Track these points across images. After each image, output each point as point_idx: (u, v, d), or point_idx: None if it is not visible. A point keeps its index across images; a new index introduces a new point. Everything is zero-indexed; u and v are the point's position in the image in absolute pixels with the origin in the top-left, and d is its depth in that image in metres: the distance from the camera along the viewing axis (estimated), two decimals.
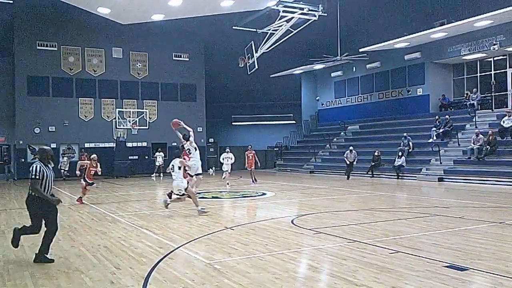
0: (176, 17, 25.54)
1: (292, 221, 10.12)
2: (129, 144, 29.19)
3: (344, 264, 6.30)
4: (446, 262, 6.27)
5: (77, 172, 15.75)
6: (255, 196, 16.00)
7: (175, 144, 22.41)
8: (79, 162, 16.27)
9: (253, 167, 20.87)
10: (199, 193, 14.07)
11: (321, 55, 28.05)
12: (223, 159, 19.92)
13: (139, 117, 28.83)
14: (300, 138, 35.09)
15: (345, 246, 7.43)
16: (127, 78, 30.49)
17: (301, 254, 7.06)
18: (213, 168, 30.37)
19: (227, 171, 19.50)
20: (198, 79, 32.64)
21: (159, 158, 27.14)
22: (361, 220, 10.04)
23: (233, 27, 22.27)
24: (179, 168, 11.24)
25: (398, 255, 6.74)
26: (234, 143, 35.33)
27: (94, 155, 14.66)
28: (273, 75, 32.17)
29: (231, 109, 37.19)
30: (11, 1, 22.66)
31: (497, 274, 5.71)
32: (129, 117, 28.77)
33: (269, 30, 22.28)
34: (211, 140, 33.94)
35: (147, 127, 29.05)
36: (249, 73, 24.01)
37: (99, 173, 14.78)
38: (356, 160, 23.20)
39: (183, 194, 11.34)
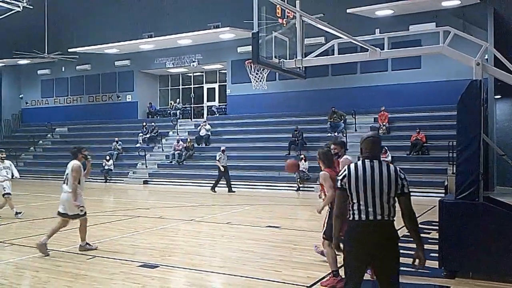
0: None
1: None
2: None
3: (35, 276, 6.04)
4: (140, 262, 6.77)
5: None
6: None
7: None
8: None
9: None
10: None
11: (26, 50, 25.60)
12: None
13: None
14: None
15: (40, 256, 7.10)
16: None
17: None
18: None
19: None
20: None
21: None
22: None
23: None
24: None
25: (95, 260, 6.89)
26: None
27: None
28: None
29: None
30: None
31: (185, 268, 6.53)
32: None
33: None
34: None
35: None
36: None
37: None
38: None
39: None
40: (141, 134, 24.18)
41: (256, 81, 11.45)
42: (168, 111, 26.26)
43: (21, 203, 14.59)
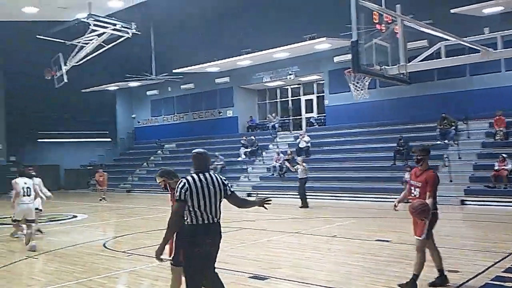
0: None
1: (104, 245, 9.80)
2: None
3: (155, 285, 6.42)
4: (249, 273, 6.90)
5: None
6: (64, 219, 14.92)
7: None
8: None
9: (104, 187, 21.88)
10: None
11: (136, 73, 27.80)
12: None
13: None
14: (116, 156, 33.93)
15: (158, 266, 7.52)
16: None
17: (110, 279, 6.93)
18: None
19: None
20: None
21: None
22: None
23: (37, 36, 20.52)
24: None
25: None
26: (40, 161, 32.23)
27: None
28: (85, 90, 30.55)
29: (37, 124, 33.79)
30: None
31: (293, 281, 6.52)
32: None
33: (79, 42, 21.20)
34: (13, 158, 30.31)
35: None
36: (56, 86, 22.40)
37: None
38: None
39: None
40: (242, 148, 24.85)
41: (357, 90, 11.23)
42: (267, 124, 26.72)
43: (138, 215, 15.75)
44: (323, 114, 25.13)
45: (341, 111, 23.08)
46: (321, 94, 25.47)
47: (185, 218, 4.31)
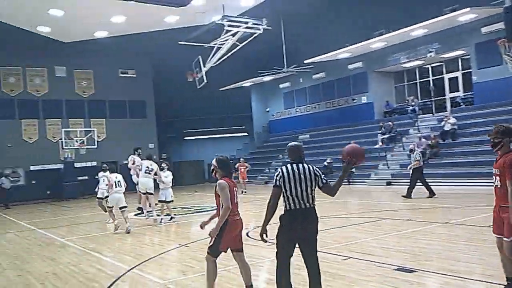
0: (120, 34, 25.20)
1: (247, 234, 10.12)
2: (77, 165, 28.33)
3: (298, 274, 6.38)
4: (395, 265, 6.50)
5: None
6: (209, 210, 15.90)
7: (126, 162, 21.40)
8: None
9: (246, 179, 22.98)
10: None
11: (268, 67, 28.44)
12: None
13: (87, 136, 28.08)
14: (253, 149, 35.31)
15: (299, 255, 7.50)
16: (72, 96, 29.75)
17: (255, 267, 7.10)
18: None
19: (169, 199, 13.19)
20: (147, 95, 32.28)
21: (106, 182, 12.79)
22: None
23: (179, 42, 22.20)
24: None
25: (350, 261, 6.92)
26: (186, 157, 35.16)
27: None
28: (222, 89, 32.29)
29: (182, 124, 36.98)
30: None
31: (444, 274, 5.97)
32: (76, 136, 27.97)
33: (215, 44, 22.41)
34: (164, 155, 33.53)
35: (95, 146, 28.30)
36: (198, 87, 24.01)
37: None
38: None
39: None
40: (379, 135, 23.83)
41: None
42: (406, 108, 25.20)
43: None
44: (471, 92, 22.80)
45: (492, 87, 20.69)
46: (467, 71, 23.17)
47: (284, 205, 4.82)
